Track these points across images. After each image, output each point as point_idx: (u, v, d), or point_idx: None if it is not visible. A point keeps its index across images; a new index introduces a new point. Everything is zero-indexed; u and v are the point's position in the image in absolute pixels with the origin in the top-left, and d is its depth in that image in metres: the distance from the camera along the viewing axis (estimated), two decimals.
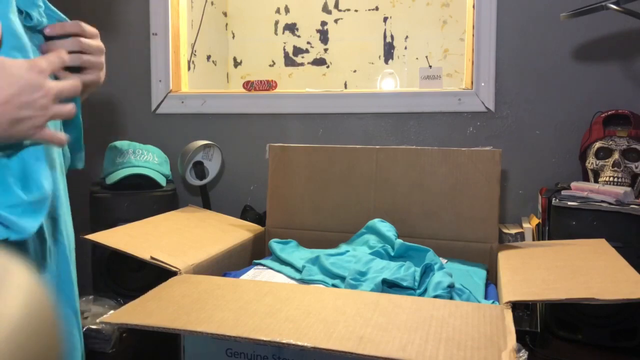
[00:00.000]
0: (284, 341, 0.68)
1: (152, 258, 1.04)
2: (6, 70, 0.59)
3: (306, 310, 0.79)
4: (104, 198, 1.51)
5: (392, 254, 1.16)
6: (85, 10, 2.00)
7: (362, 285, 0.99)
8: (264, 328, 0.72)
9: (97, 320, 0.97)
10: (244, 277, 1.12)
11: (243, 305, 0.82)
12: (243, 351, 0.85)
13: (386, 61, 2.89)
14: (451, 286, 0.97)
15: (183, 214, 1.44)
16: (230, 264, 1.22)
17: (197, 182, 1.68)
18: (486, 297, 1.04)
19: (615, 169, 1.40)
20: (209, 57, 2.78)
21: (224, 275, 1.16)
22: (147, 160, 1.59)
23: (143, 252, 1.06)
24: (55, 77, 0.70)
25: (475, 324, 0.74)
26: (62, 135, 0.67)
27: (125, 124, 1.95)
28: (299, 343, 0.68)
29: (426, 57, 2.84)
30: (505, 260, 1.09)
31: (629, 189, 1.29)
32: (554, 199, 1.32)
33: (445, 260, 1.20)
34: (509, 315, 0.77)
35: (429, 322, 0.75)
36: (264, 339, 0.69)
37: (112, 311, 0.83)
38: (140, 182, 1.55)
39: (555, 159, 1.64)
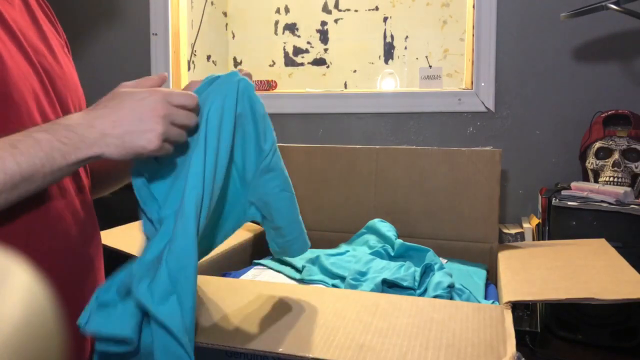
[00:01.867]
0: (284, 352, 0.68)
1: None
2: (133, 92, 0.68)
3: (306, 314, 0.79)
4: (104, 198, 1.51)
5: (392, 254, 1.16)
6: (86, 11, 2.00)
7: (362, 285, 0.99)
8: (263, 337, 0.72)
9: None
10: (244, 277, 1.12)
11: (243, 310, 0.82)
12: (243, 352, 0.85)
13: (386, 61, 2.89)
14: (451, 286, 0.97)
15: None
16: (230, 263, 1.22)
17: None
18: (486, 297, 1.04)
19: (615, 169, 1.40)
20: (209, 57, 2.78)
21: (224, 275, 1.16)
22: None
23: None
24: None
25: (476, 328, 0.74)
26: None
27: None
28: (299, 354, 0.67)
29: (426, 57, 2.84)
30: (505, 260, 1.09)
31: (629, 189, 1.29)
32: (554, 199, 1.32)
33: (445, 260, 1.20)
34: (509, 316, 0.77)
35: (429, 327, 0.74)
36: (264, 349, 0.69)
37: None
38: None
39: (555, 159, 1.64)
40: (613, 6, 1.21)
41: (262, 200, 0.82)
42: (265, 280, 1.08)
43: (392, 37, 2.87)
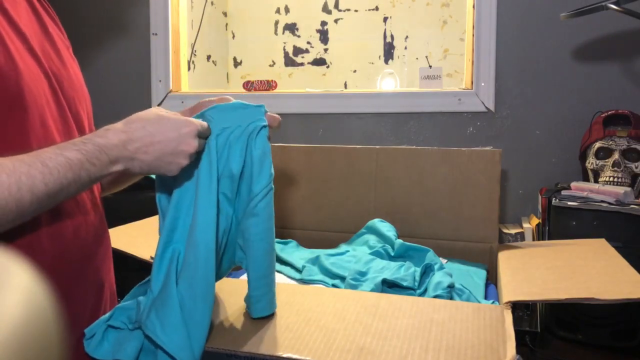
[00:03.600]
0: (284, 355, 0.68)
1: (152, 258, 1.04)
2: (170, 122, 0.69)
3: (306, 316, 0.78)
4: (104, 198, 1.51)
5: (392, 254, 1.16)
6: (86, 11, 2.00)
7: (362, 285, 0.99)
8: (264, 339, 0.72)
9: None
10: (244, 277, 1.12)
11: (243, 311, 0.82)
12: (243, 355, 0.84)
13: (386, 61, 2.89)
14: (451, 286, 0.97)
15: None
16: None
17: None
18: (486, 297, 1.04)
19: (615, 169, 1.40)
20: (209, 57, 2.78)
21: None
22: None
23: (143, 252, 1.06)
24: None
25: (475, 329, 0.74)
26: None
27: None
28: (299, 357, 0.67)
29: (426, 57, 2.84)
30: (505, 260, 1.09)
31: (629, 189, 1.29)
32: (554, 199, 1.32)
33: (445, 260, 1.20)
34: (509, 317, 0.77)
35: (429, 328, 0.74)
36: (264, 352, 0.69)
37: None
38: (140, 182, 1.54)
39: (555, 159, 1.64)
40: (613, 6, 1.21)
41: (243, 245, 0.78)
42: None
43: (392, 37, 2.87)
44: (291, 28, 2.99)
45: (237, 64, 3.06)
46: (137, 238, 1.16)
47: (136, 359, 0.72)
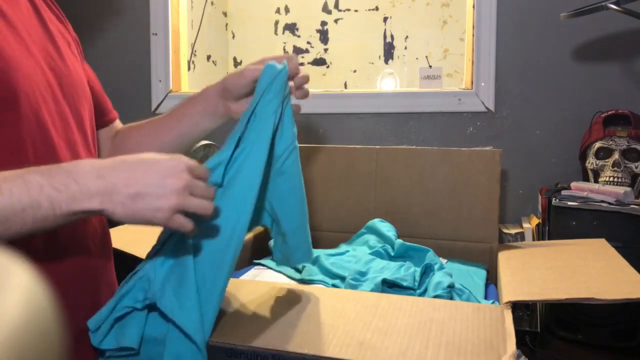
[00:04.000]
0: (285, 349, 0.68)
1: None
2: (152, 156, 0.62)
3: (306, 314, 0.79)
4: None
5: (392, 254, 1.16)
6: (86, 11, 2.00)
7: (362, 286, 0.99)
8: (263, 335, 0.72)
9: None
10: (244, 277, 1.12)
11: (243, 309, 0.82)
12: (243, 351, 0.84)
13: (386, 61, 2.89)
14: (451, 286, 0.97)
15: None
16: None
17: None
18: (486, 297, 1.04)
19: (615, 169, 1.40)
20: (209, 57, 2.78)
21: None
22: None
23: (143, 252, 1.06)
24: None
25: (475, 328, 0.74)
26: (190, 225, 0.63)
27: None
28: (299, 351, 0.68)
29: (426, 57, 2.84)
30: (505, 260, 1.09)
31: (629, 189, 1.29)
32: (554, 199, 1.32)
33: (445, 260, 1.20)
34: (509, 316, 0.77)
35: (429, 327, 0.74)
36: (264, 347, 0.69)
37: None
38: None
39: (555, 159, 1.64)
40: (613, 6, 1.21)
41: (272, 204, 0.81)
42: (265, 280, 1.08)
43: (392, 37, 2.87)
44: (291, 28, 2.99)
45: (237, 64, 3.06)
46: (137, 238, 1.16)
47: (139, 343, 0.71)
